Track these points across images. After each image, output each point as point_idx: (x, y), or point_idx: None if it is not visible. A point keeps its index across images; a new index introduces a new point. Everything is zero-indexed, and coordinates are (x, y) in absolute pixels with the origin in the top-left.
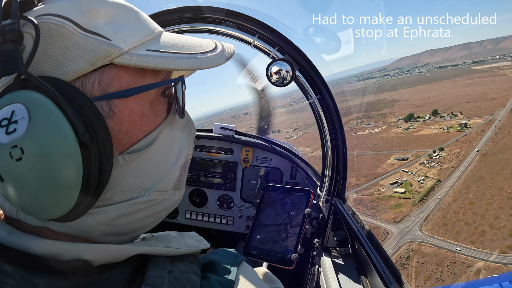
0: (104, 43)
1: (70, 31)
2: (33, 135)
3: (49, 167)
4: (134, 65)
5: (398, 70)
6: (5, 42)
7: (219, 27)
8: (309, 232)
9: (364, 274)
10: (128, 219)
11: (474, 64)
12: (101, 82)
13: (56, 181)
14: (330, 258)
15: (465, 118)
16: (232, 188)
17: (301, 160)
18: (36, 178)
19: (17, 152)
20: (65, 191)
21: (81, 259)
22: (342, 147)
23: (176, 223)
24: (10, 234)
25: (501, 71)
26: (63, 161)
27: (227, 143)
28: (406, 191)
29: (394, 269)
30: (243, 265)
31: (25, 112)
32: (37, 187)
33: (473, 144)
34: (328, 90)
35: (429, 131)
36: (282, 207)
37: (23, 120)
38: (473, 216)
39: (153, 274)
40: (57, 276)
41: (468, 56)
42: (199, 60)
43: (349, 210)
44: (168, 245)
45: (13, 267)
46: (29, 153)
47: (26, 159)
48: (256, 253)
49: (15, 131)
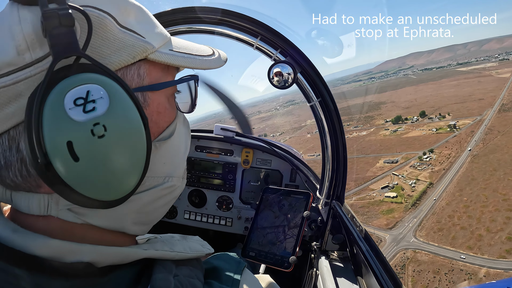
0: (140, 40)
1: (110, 24)
2: (114, 113)
3: (126, 145)
4: (164, 62)
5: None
6: (60, 26)
7: (222, 28)
8: (308, 235)
9: (362, 278)
10: (153, 206)
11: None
12: (139, 75)
13: (129, 158)
14: (328, 261)
15: (454, 119)
16: (232, 189)
17: (301, 163)
18: (114, 155)
19: (100, 129)
20: (133, 169)
21: (84, 261)
22: (342, 150)
23: (175, 223)
24: (15, 233)
25: (486, 72)
26: (136, 139)
27: (228, 144)
28: (397, 195)
29: (392, 273)
30: (245, 272)
31: (103, 92)
32: (112, 164)
33: (464, 145)
34: (330, 93)
35: (418, 133)
36: (281, 209)
37: (101, 99)
38: (468, 219)
39: (159, 277)
40: (59, 278)
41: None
42: (208, 62)
43: (348, 214)
44: (174, 249)
45: (15, 268)
46: (112, 130)
47: (109, 136)
48: (254, 255)
49: (94, 110)
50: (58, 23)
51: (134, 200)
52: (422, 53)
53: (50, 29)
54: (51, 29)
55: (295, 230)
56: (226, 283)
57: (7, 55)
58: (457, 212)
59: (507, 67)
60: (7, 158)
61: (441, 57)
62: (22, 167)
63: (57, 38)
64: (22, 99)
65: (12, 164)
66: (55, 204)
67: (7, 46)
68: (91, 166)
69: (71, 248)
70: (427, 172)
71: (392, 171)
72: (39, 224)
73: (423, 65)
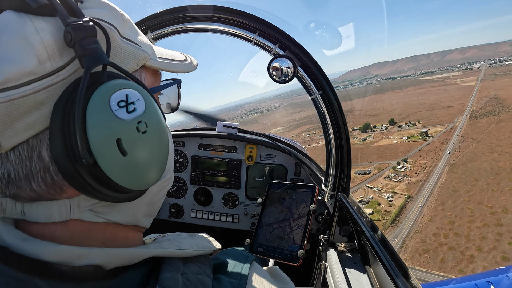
0: (138, 49)
1: (114, 36)
2: (150, 113)
3: (162, 138)
4: (158, 68)
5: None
6: (87, 37)
7: (220, 26)
8: (315, 228)
9: (371, 268)
10: (158, 197)
11: (423, 75)
12: (141, 80)
13: (164, 150)
14: (336, 253)
15: (425, 127)
16: (237, 186)
17: (305, 156)
18: (154, 148)
19: (143, 126)
20: (164, 160)
21: (92, 264)
22: (346, 142)
23: (182, 222)
24: (24, 241)
25: (451, 81)
26: (166, 133)
27: (231, 141)
28: (374, 212)
29: (400, 263)
30: (254, 265)
31: (138, 95)
32: (153, 156)
33: (439, 154)
34: (331, 85)
35: (389, 141)
36: (287, 203)
37: (139, 101)
38: (456, 238)
39: (167, 276)
40: (69, 282)
41: (416, 67)
42: (187, 66)
43: (354, 205)
44: (181, 247)
45: (26, 275)
46: (152, 126)
47: (150, 131)
48: (263, 250)
49: (135, 110)
50: (85, 34)
51: (147, 192)
52: (386, 63)
53: (78, 39)
54: (80, 40)
55: (302, 224)
56: (235, 277)
57: (27, 65)
58: (443, 229)
59: (472, 76)
60: (28, 168)
61: (404, 66)
62: (46, 176)
63: (86, 48)
64: (44, 108)
65: (34, 174)
66: (76, 207)
67: (27, 55)
68: (136, 158)
69: (80, 252)
70: (404, 184)
71: (365, 183)
72: (46, 232)
73: (387, 75)
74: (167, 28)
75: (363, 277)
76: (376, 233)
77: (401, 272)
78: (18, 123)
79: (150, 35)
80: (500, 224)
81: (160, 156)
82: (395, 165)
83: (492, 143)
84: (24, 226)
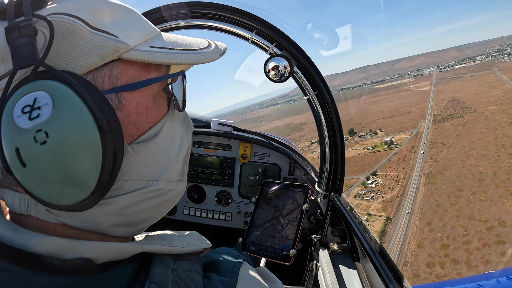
0: (112, 40)
1: (80, 28)
2: (57, 119)
3: (72, 151)
4: (140, 60)
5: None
6: (20, 37)
7: (217, 23)
8: (307, 227)
9: (362, 269)
10: (136, 208)
11: (374, 84)
12: (111, 76)
13: (78, 165)
14: (328, 254)
15: (388, 135)
16: (230, 184)
17: (299, 156)
18: (59, 161)
19: (42, 136)
20: (86, 176)
21: (83, 257)
22: (340, 143)
23: (175, 219)
24: (15, 232)
25: (405, 87)
26: (85, 145)
27: (225, 139)
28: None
29: (391, 264)
30: (244, 264)
31: (48, 98)
32: (59, 171)
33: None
34: (326, 86)
35: (352, 153)
36: (280, 203)
37: (46, 106)
38: (455, 266)
39: (157, 272)
40: (60, 275)
41: (366, 77)
42: (197, 56)
43: (346, 206)
44: (171, 244)
45: (16, 267)
46: (54, 136)
47: (51, 142)
48: (255, 249)
49: (38, 117)
50: (18, 35)
51: (110, 203)
52: (337, 75)
53: (11, 41)
54: (12, 41)
55: (295, 223)
56: (225, 275)
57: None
58: (436, 256)
59: (424, 81)
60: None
61: (355, 77)
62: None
63: (16, 49)
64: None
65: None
66: (34, 204)
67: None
68: (37, 171)
69: (70, 245)
70: (378, 203)
71: None
72: (38, 223)
73: (339, 86)
74: (163, 24)
75: (354, 278)
76: (368, 234)
77: (392, 273)
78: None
79: None
80: (502, 241)
81: (77, 169)
82: (364, 180)
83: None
84: (18, 217)
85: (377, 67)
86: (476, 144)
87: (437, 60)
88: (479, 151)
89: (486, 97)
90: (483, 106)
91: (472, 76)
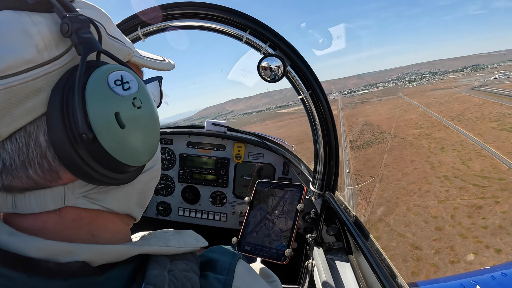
0: (124, 45)
1: (102, 32)
2: (144, 91)
3: (155, 117)
4: (141, 64)
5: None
6: (83, 27)
7: (211, 23)
8: (302, 227)
9: (358, 267)
10: (148, 187)
11: (278, 108)
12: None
13: (155, 130)
14: (324, 252)
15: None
16: (225, 184)
17: (293, 156)
18: (149, 124)
19: (138, 102)
20: (155, 140)
21: (79, 261)
22: (334, 142)
23: (170, 220)
24: (11, 236)
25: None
26: (158, 115)
27: (219, 139)
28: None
29: (386, 262)
30: (240, 262)
31: (131, 76)
32: (147, 131)
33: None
34: (320, 85)
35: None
36: (275, 202)
37: (133, 81)
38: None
39: (154, 273)
40: (56, 278)
41: (270, 102)
42: (167, 65)
43: (341, 205)
44: (168, 244)
45: (12, 271)
46: (145, 103)
47: (144, 107)
48: (250, 249)
49: (130, 88)
50: (80, 25)
51: (138, 180)
52: (241, 99)
53: (75, 29)
54: (76, 30)
55: (290, 223)
56: (221, 273)
57: (26, 53)
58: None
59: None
60: (25, 155)
61: (259, 102)
62: (43, 161)
63: (82, 37)
64: (42, 94)
65: (31, 160)
66: (71, 194)
67: (26, 45)
68: (132, 131)
69: (66, 248)
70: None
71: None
72: (38, 223)
73: (242, 110)
74: (157, 24)
75: (349, 276)
76: (362, 232)
77: (387, 271)
78: (16, 109)
79: (140, 31)
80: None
81: (153, 133)
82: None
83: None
84: (14, 220)
85: (280, 93)
86: (412, 177)
87: (340, 87)
88: (420, 185)
89: (403, 121)
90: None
91: (379, 101)
